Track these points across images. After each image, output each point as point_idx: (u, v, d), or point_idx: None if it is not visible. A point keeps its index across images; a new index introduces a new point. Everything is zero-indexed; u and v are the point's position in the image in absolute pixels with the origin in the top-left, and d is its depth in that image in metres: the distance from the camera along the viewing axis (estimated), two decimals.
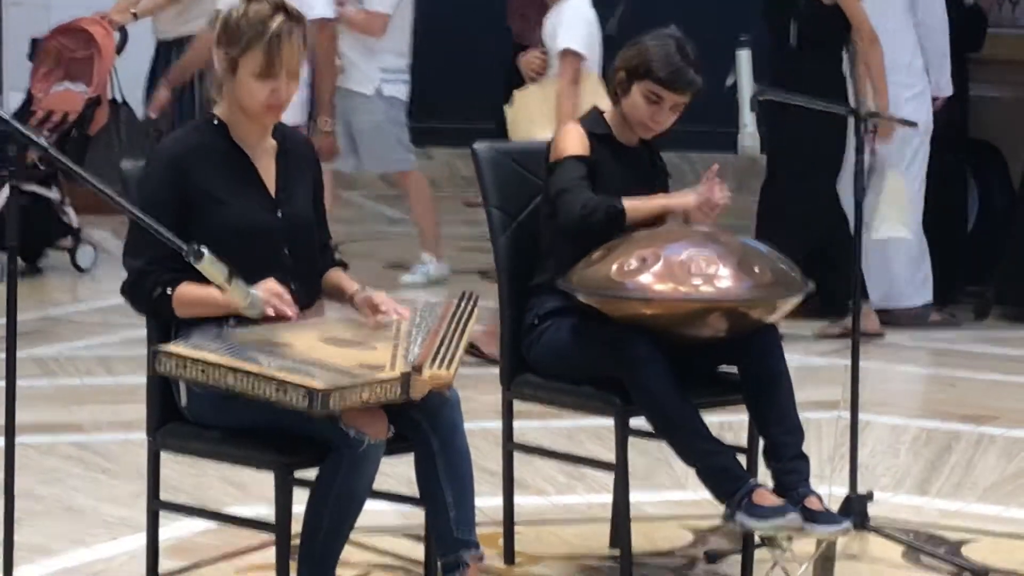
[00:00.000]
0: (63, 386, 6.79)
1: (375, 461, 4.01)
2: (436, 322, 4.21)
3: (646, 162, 4.88)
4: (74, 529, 5.11)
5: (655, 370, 4.49)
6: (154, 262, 4.06)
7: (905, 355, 7.61)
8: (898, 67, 7.75)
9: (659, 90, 4.72)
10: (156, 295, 4.09)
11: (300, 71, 4.22)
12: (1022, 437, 6.33)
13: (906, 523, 5.26)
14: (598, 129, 4.80)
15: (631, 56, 4.76)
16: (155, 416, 4.26)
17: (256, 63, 4.15)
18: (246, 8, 4.17)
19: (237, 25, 4.16)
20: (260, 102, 4.18)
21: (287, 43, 4.15)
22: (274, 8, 4.17)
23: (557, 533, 5.16)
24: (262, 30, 4.14)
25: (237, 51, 4.16)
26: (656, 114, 4.76)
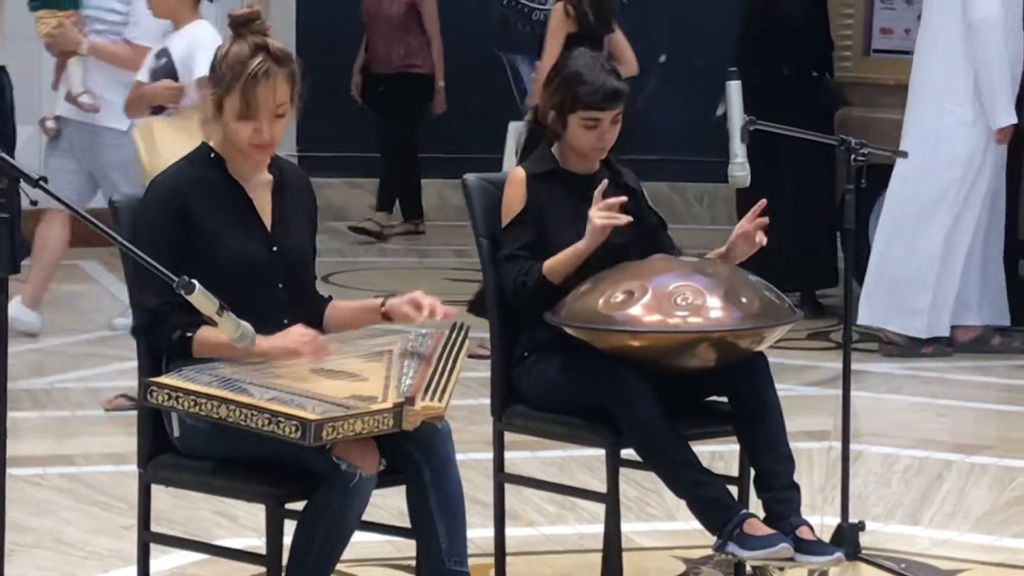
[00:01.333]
0: (54, 418, 6.79)
1: (366, 494, 4.02)
2: (427, 353, 4.22)
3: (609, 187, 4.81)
4: (65, 561, 5.11)
5: (644, 402, 4.50)
6: (168, 302, 4.05)
7: (896, 384, 7.61)
8: (949, 96, 7.78)
9: (593, 114, 4.72)
10: (176, 338, 4.09)
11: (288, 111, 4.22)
12: (1014, 466, 6.33)
13: (898, 553, 5.26)
14: (541, 168, 4.78)
15: (552, 93, 4.76)
16: (146, 448, 4.26)
17: (235, 105, 4.17)
18: (228, 48, 4.19)
19: (219, 67, 4.19)
20: (244, 141, 4.20)
21: (263, 84, 4.14)
22: (254, 49, 4.17)
23: (548, 564, 5.16)
24: (240, 71, 4.15)
25: (221, 92, 4.18)
26: (600, 136, 4.75)
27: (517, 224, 4.72)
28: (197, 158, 4.28)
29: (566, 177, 4.80)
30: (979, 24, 7.72)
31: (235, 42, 4.19)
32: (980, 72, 7.79)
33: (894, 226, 8.04)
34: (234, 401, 3.87)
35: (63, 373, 7.47)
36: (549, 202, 4.74)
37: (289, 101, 4.21)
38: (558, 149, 4.82)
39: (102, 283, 9.58)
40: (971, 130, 7.86)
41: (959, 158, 7.87)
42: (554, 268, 4.62)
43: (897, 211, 8.02)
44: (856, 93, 9.05)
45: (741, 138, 5.11)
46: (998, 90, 7.79)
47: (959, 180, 7.90)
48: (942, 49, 7.81)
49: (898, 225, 8.02)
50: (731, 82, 5.16)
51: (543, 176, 4.77)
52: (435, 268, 10.37)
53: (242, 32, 4.20)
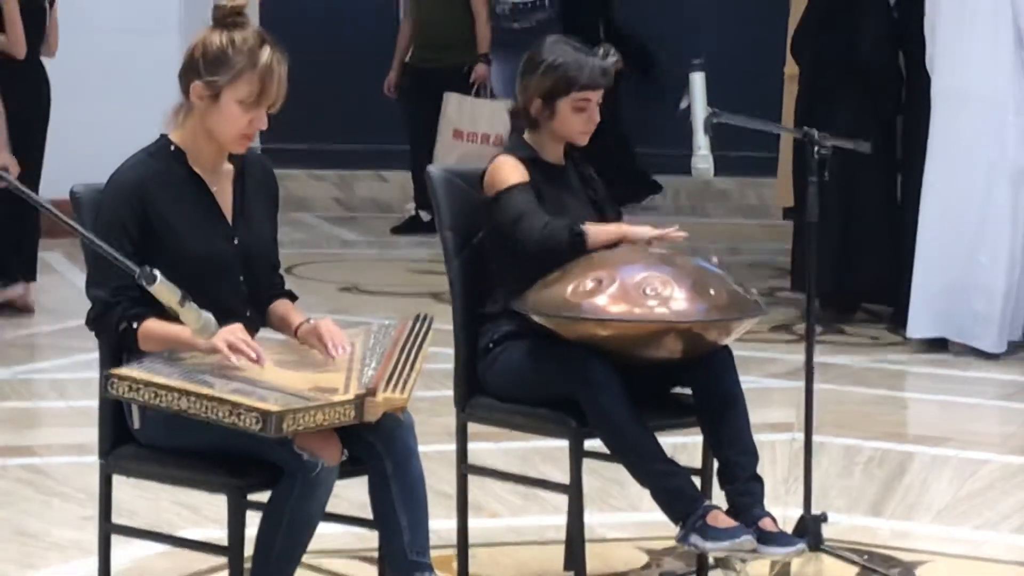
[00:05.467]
0: (15, 409, 6.77)
1: (329, 485, 4.01)
2: (390, 345, 4.21)
3: (575, 177, 4.88)
4: (25, 552, 5.09)
5: (610, 392, 4.50)
6: (119, 293, 4.03)
7: (859, 377, 7.63)
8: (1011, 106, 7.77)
9: (587, 95, 4.73)
10: (122, 329, 4.06)
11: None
12: (975, 458, 6.35)
13: (860, 544, 5.27)
14: (524, 153, 4.78)
15: (538, 80, 4.75)
16: (107, 439, 4.25)
17: (246, 91, 4.13)
18: (230, 36, 4.14)
19: (223, 52, 4.13)
20: (239, 130, 4.16)
21: (278, 74, 4.15)
22: (261, 39, 4.16)
23: (512, 555, 5.16)
24: (254, 60, 4.13)
25: (225, 79, 4.13)
26: (589, 118, 4.77)
27: (523, 187, 4.70)
28: (158, 151, 4.24)
29: (544, 166, 4.81)
30: None
31: (232, 31, 4.15)
32: None
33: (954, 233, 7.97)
34: (195, 393, 3.85)
35: (24, 364, 7.45)
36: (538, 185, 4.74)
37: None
38: (533, 138, 4.81)
39: (63, 274, 9.55)
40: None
41: (1021, 166, 7.86)
42: (596, 231, 4.65)
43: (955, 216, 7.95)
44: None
45: (704, 130, 5.10)
46: None
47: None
48: (1001, 60, 7.76)
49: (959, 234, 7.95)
50: (694, 74, 5.15)
51: (530, 161, 4.78)
52: (398, 260, 10.36)
53: (227, 23, 4.17)
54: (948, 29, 7.89)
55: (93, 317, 4.13)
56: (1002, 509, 5.80)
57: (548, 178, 4.78)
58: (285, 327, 4.33)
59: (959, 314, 7.98)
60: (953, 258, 7.98)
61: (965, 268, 7.95)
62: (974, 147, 7.87)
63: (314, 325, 4.25)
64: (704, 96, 5.12)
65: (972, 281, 7.94)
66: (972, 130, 7.87)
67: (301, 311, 4.35)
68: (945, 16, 7.90)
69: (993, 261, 7.92)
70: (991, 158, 7.86)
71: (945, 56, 7.94)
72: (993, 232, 7.91)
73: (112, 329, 4.08)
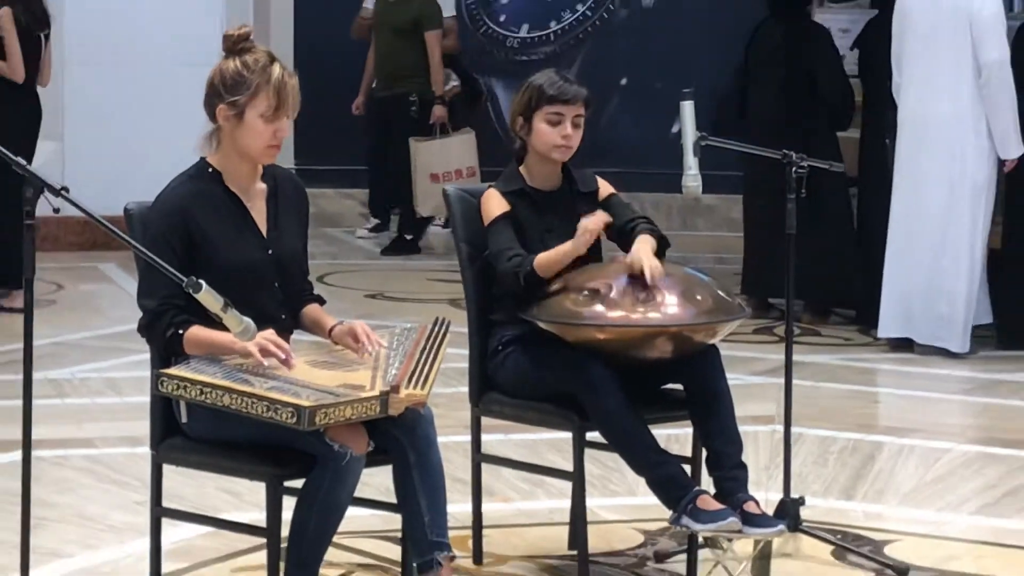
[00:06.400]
0: (75, 404, 6.77)
1: (356, 472, 4.01)
2: (412, 346, 4.21)
3: (568, 198, 4.80)
4: (85, 534, 5.09)
5: (608, 389, 4.50)
6: (166, 302, 4.05)
7: (833, 374, 7.62)
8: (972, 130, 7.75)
9: (557, 108, 4.69)
10: (169, 335, 4.07)
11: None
12: (938, 447, 6.34)
13: (834, 525, 5.27)
14: (512, 186, 4.75)
15: (519, 99, 4.74)
16: (158, 432, 4.25)
17: (265, 105, 4.14)
18: (242, 59, 4.16)
19: (239, 74, 4.15)
20: (265, 142, 4.17)
21: (290, 86, 4.16)
22: (270, 57, 4.18)
23: (521, 535, 5.16)
24: (268, 76, 4.14)
25: (245, 97, 4.14)
26: (562, 131, 4.71)
27: (502, 220, 4.68)
28: (198, 173, 4.25)
29: (534, 195, 4.76)
30: (991, 66, 7.68)
31: (242, 55, 4.16)
32: (993, 109, 7.74)
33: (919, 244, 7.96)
34: (236, 390, 3.86)
35: (83, 364, 7.45)
36: (522, 218, 4.72)
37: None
38: (526, 167, 4.80)
39: (118, 283, 9.56)
40: (988, 159, 7.84)
41: (981, 185, 7.84)
42: (545, 263, 4.59)
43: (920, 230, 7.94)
44: None
45: (694, 152, 5.09)
46: (1011, 125, 7.75)
47: (983, 204, 7.87)
48: (962, 88, 7.74)
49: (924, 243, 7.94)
50: (685, 102, 5.15)
51: (514, 194, 4.74)
52: (420, 270, 10.35)
53: (237, 49, 4.18)
54: (914, 61, 7.89)
55: (144, 324, 4.13)
56: (962, 493, 5.79)
57: (534, 205, 4.74)
58: (318, 329, 4.34)
59: (924, 317, 7.97)
60: (919, 266, 7.97)
61: (930, 275, 7.95)
62: (937, 165, 7.87)
63: (349, 327, 4.25)
64: (693, 121, 5.12)
65: (936, 286, 7.93)
66: (936, 150, 7.87)
67: (331, 315, 4.36)
68: (911, 49, 7.89)
69: (955, 268, 7.91)
70: (952, 175, 7.85)
71: (911, 85, 7.93)
72: (954, 242, 7.90)
73: (160, 335, 4.08)
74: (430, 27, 10.51)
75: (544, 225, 4.71)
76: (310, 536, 4.05)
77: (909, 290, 7.97)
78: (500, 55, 12.37)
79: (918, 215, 7.94)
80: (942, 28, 7.74)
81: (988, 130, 7.77)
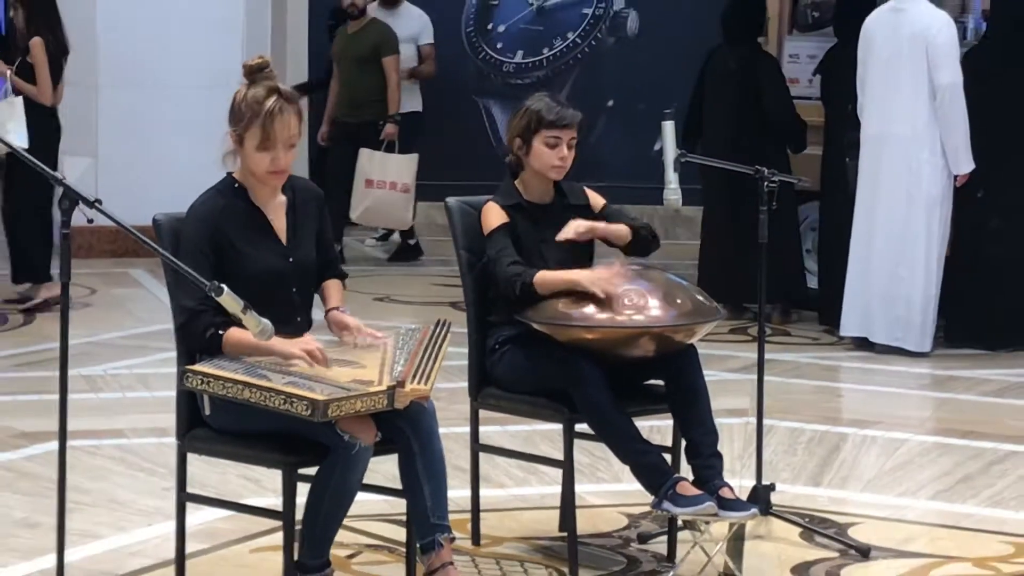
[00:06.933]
0: (107, 399, 6.76)
1: (365, 461, 4.00)
2: (416, 345, 4.21)
3: (561, 211, 4.79)
4: (116, 517, 5.09)
5: (596, 385, 4.49)
6: (204, 303, 4.03)
7: (802, 371, 7.62)
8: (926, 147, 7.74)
9: (555, 132, 4.68)
10: (209, 335, 4.06)
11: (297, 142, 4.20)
12: (897, 438, 6.34)
13: (802, 509, 5.26)
14: (510, 200, 4.74)
15: (518, 122, 4.72)
16: (183, 423, 4.25)
17: (257, 136, 4.14)
18: (246, 92, 4.17)
19: (239, 107, 4.16)
20: (263, 169, 4.18)
21: (279, 119, 4.13)
22: (268, 91, 4.15)
23: (516, 518, 5.15)
24: (258, 110, 4.13)
25: (241, 128, 4.15)
26: (559, 153, 4.70)
27: (503, 230, 4.67)
28: (225, 188, 4.25)
29: (529, 208, 4.75)
30: (945, 89, 7.68)
31: (250, 87, 4.17)
32: (947, 128, 7.73)
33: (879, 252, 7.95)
34: (256, 385, 3.85)
35: (115, 361, 7.45)
36: (520, 230, 4.71)
37: (297, 134, 4.20)
38: (521, 182, 4.79)
39: (147, 287, 9.55)
40: (942, 174, 7.83)
41: (936, 198, 7.84)
42: (545, 282, 4.56)
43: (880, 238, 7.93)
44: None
45: (674, 168, 5.09)
46: (961, 144, 7.75)
47: (939, 216, 7.87)
48: (919, 109, 7.74)
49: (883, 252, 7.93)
50: (666, 122, 5.15)
51: (512, 207, 4.74)
52: (422, 275, 10.34)
53: (255, 78, 4.18)
54: (876, 84, 7.89)
55: (181, 323, 4.12)
56: (919, 480, 5.79)
57: (530, 218, 4.73)
58: (324, 303, 4.35)
59: (884, 319, 7.97)
60: (879, 272, 7.97)
61: (889, 280, 7.95)
62: (895, 180, 7.87)
63: (342, 319, 4.25)
64: (673, 140, 5.11)
65: (895, 291, 7.92)
66: (894, 166, 7.87)
67: (341, 295, 4.36)
68: (873, 73, 7.90)
69: (912, 275, 7.91)
70: (909, 189, 7.85)
71: (873, 106, 7.94)
72: (911, 250, 7.90)
73: (200, 334, 4.07)
74: (387, 53, 10.48)
75: (539, 236, 4.70)
76: (322, 519, 4.06)
77: (870, 294, 7.98)
78: (497, 79, 12.37)
79: (878, 225, 7.94)
80: (902, 54, 7.75)
81: (942, 148, 7.78)
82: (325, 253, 4.38)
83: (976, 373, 7.60)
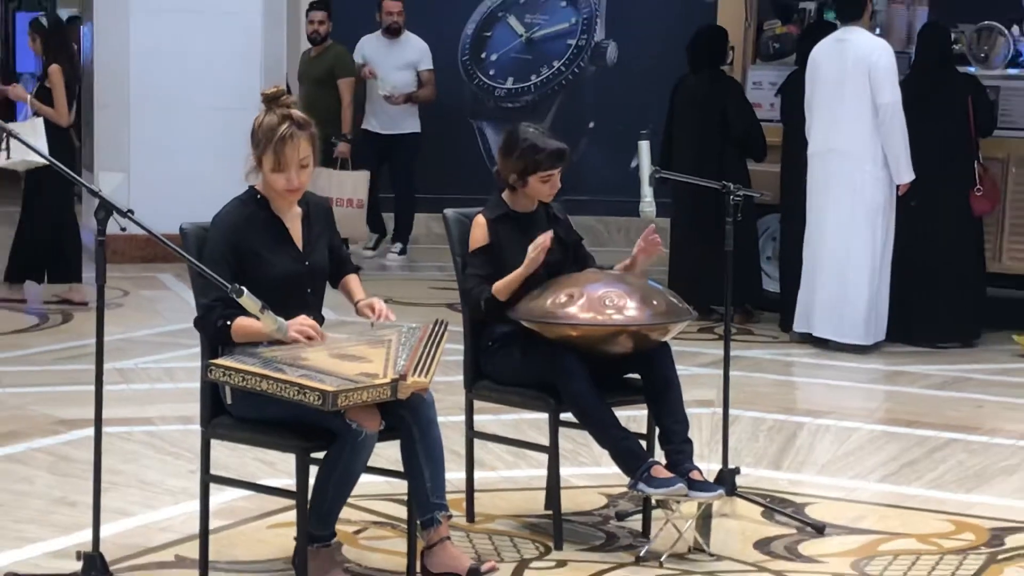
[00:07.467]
0: (138, 389, 6.75)
1: (370, 446, 4.00)
2: (416, 342, 4.20)
3: (543, 219, 4.81)
4: (146, 496, 5.08)
5: (579, 377, 4.49)
6: (217, 300, 4.05)
7: (763, 366, 7.62)
8: (868, 159, 7.76)
9: (550, 172, 4.70)
10: (219, 326, 4.08)
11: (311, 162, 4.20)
12: (849, 427, 6.34)
13: (764, 490, 5.26)
14: (497, 212, 4.74)
15: (515, 163, 4.69)
16: (207, 412, 4.24)
17: (271, 159, 4.14)
18: (263, 119, 4.17)
19: (257, 133, 4.17)
20: (280, 187, 4.18)
21: (290, 144, 4.13)
22: (282, 118, 4.15)
23: (506, 498, 5.15)
24: (272, 136, 4.13)
25: (259, 152, 4.16)
26: (552, 187, 4.74)
27: (480, 253, 4.69)
28: (247, 199, 4.25)
29: (516, 217, 4.76)
30: (885, 107, 7.72)
31: (267, 113, 4.17)
32: (889, 142, 7.76)
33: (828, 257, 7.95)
34: (272, 377, 3.85)
35: (145, 356, 7.44)
36: (505, 239, 4.71)
37: (311, 155, 4.19)
38: (510, 196, 4.78)
39: (174, 290, 9.53)
40: (884, 184, 7.85)
41: (879, 205, 7.87)
42: (501, 287, 4.61)
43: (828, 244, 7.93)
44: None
45: (649, 183, 5.10)
46: (902, 156, 7.77)
47: (882, 223, 7.89)
48: (862, 126, 7.77)
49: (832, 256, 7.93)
50: (642, 142, 5.15)
51: (499, 218, 4.74)
52: (422, 279, 10.33)
53: (271, 106, 4.18)
54: (824, 103, 7.92)
55: (198, 317, 4.15)
56: (869, 464, 5.79)
57: (517, 226, 4.73)
58: (349, 297, 4.36)
59: (835, 317, 7.99)
60: (829, 274, 8.00)
61: (837, 282, 7.97)
62: (841, 191, 7.88)
63: (369, 302, 4.29)
64: (649, 157, 5.12)
65: (843, 292, 7.94)
66: (840, 178, 7.90)
67: (361, 287, 4.39)
68: (820, 93, 7.93)
69: (857, 277, 7.93)
70: (853, 199, 7.87)
71: (821, 123, 7.96)
72: (857, 255, 7.92)
73: (212, 326, 4.09)
74: (342, 75, 10.47)
75: (525, 241, 4.70)
76: (330, 498, 4.06)
77: (821, 295, 7.99)
78: (489, 103, 12.36)
79: (826, 233, 7.96)
80: (847, 76, 7.79)
81: (884, 160, 7.81)
82: (338, 254, 4.39)
83: (920, 368, 7.61)
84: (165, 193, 9.85)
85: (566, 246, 4.82)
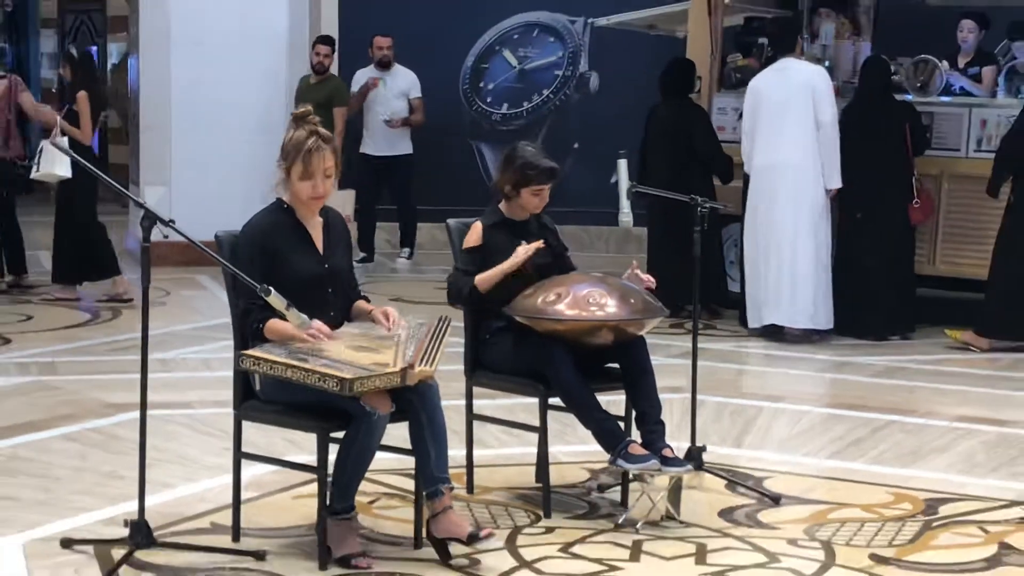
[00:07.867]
0: (179, 376, 6.74)
1: (383, 427, 4.00)
2: (423, 335, 4.20)
3: (535, 227, 4.81)
4: (186, 471, 5.08)
5: (565, 366, 4.49)
6: (252, 303, 4.05)
7: (727, 357, 7.62)
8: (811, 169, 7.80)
9: (540, 187, 4.69)
10: (255, 328, 4.08)
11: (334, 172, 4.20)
12: (802, 410, 6.34)
13: (728, 466, 5.26)
14: (492, 220, 4.73)
15: (510, 175, 4.69)
16: (239, 397, 4.25)
17: (299, 170, 4.14)
18: (292, 134, 4.17)
19: (287, 146, 4.17)
20: (307, 195, 4.17)
21: (316, 155, 4.14)
22: (309, 133, 4.16)
23: (501, 472, 5.14)
24: (300, 148, 4.13)
25: (288, 163, 4.16)
26: (542, 200, 4.73)
27: (471, 251, 4.68)
28: (275, 209, 4.25)
29: (510, 224, 4.76)
30: (827, 124, 7.82)
31: (296, 129, 4.17)
32: (826, 153, 7.83)
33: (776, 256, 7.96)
34: (296, 366, 3.85)
35: (184, 348, 7.43)
36: (497, 243, 4.71)
37: (334, 166, 4.19)
38: (506, 205, 4.78)
39: (210, 290, 9.52)
40: (824, 190, 7.90)
41: (820, 209, 7.91)
42: (483, 280, 4.60)
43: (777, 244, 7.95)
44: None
45: (626, 196, 5.10)
46: (835, 165, 7.85)
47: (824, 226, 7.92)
48: (805, 140, 7.82)
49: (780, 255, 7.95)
50: (620, 160, 5.15)
51: (494, 225, 4.73)
52: (428, 280, 10.31)
53: (300, 123, 4.18)
54: (770, 122, 7.94)
55: (237, 315, 4.15)
56: (819, 443, 5.79)
57: (510, 232, 4.73)
58: (363, 315, 4.34)
59: (788, 307, 8.00)
60: (779, 270, 8.01)
61: (788, 276, 7.98)
62: (787, 198, 7.90)
63: (383, 310, 4.26)
64: (626, 174, 5.12)
65: (792, 284, 7.96)
66: (786, 186, 7.92)
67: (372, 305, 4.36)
68: (766, 114, 7.94)
69: (805, 270, 7.96)
70: (798, 204, 7.89)
71: (768, 140, 7.95)
72: (803, 252, 7.95)
73: (249, 326, 4.10)
74: (338, 104, 10.45)
75: (517, 245, 4.70)
76: (348, 473, 4.05)
77: (771, 290, 8.01)
78: (487, 126, 12.37)
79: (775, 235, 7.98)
80: (792, 98, 7.85)
81: (823, 170, 7.86)
82: (350, 278, 4.37)
83: (863, 359, 7.61)
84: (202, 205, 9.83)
85: (554, 251, 4.81)
